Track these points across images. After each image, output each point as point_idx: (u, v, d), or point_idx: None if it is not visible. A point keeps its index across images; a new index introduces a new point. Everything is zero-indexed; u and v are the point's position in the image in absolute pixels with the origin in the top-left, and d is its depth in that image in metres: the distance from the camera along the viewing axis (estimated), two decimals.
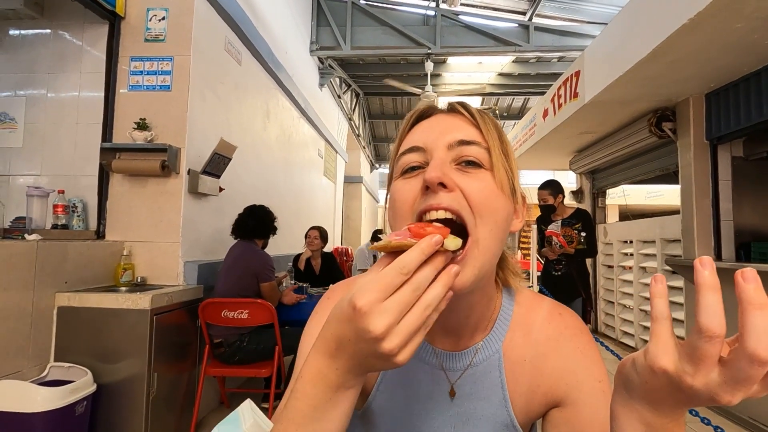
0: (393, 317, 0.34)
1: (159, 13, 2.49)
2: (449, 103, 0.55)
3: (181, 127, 2.45)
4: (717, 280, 0.28)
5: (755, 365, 0.25)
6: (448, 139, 0.49)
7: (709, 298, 0.27)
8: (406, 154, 0.51)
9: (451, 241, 0.38)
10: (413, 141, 0.51)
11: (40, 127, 2.53)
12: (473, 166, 0.48)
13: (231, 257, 2.52)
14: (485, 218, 0.46)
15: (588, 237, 3.17)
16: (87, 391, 1.78)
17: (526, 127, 5.44)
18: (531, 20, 5.21)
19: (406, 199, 0.48)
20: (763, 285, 0.27)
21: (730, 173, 3.14)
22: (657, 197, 9.83)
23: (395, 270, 0.35)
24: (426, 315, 0.35)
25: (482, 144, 0.49)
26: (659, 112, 3.48)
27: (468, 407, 0.55)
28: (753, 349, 0.25)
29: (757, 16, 2.10)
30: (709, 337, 0.27)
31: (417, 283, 0.35)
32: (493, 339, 0.57)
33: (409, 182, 0.49)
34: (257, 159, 3.58)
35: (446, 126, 0.51)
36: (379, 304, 0.34)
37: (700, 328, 0.27)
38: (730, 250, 3.09)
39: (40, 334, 1.89)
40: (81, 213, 2.37)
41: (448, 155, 0.48)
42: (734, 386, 0.27)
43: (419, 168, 0.49)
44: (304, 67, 5.05)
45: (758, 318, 0.25)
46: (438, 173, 0.45)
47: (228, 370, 2.40)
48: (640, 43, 2.62)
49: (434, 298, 0.36)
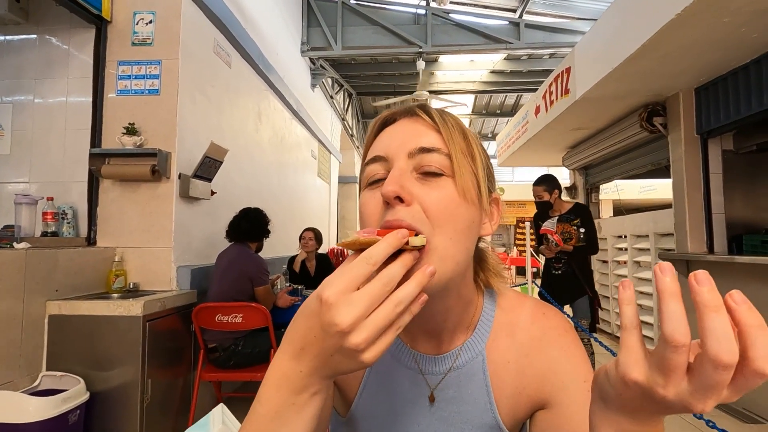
0: (360, 309, 0.33)
1: (146, 17, 2.47)
2: (408, 107, 0.53)
3: (170, 131, 2.43)
4: (678, 286, 0.27)
5: (719, 370, 0.25)
6: (409, 147, 0.48)
7: (671, 305, 0.27)
8: (369, 164, 0.50)
9: (417, 239, 0.39)
10: (376, 150, 0.51)
11: (28, 133, 2.50)
12: (434, 175, 0.47)
13: (225, 261, 2.50)
14: (443, 227, 0.45)
15: (588, 233, 3.03)
16: (80, 400, 1.77)
17: (519, 124, 5.45)
18: (521, 17, 5.22)
19: (371, 212, 0.47)
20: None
21: (721, 166, 3.16)
22: (650, 191, 9.88)
23: (362, 260, 0.34)
24: (397, 312, 0.34)
25: (443, 150, 0.48)
26: (650, 107, 3.50)
27: (452, 411, 0.55)
28: (715, 354, 0.25)
29: (744, 11, 2.11)
30: (675, 347, 0.26)
31: (387, 277, 0.34)
32: (475, 341, 0.56)
33: (373, 194, 0.48)
34: (250, 161, 3.57)
35: (408, 133, 0.50)
36: (347, 295, 0.33)
37: (666, 338, 0.27)
38: (722, 243, 3.11)
39: (31, 344, 1.87)
40: (71, 220, 2.35)
41: (409, 164, 0.47)
42: (704, 394, 0.26)
43: (383, 180, 0.48)
44: (296, 68, 5.03)
45: (715, 321, 0.25)
46: (394, 187, 0.44)
47: (223, 374, 2.39)
48: (629, 38, 2.63)
49: (406, 295, 0.35)
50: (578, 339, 0.57)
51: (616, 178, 4.76)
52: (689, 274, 0.26)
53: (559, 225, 3.10)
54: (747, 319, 0.25)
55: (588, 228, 3.03)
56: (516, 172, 11.95)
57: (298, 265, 3.64)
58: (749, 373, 0.25)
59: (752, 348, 0.25)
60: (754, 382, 0.25)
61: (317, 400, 0.39)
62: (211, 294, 2.43)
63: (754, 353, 0.25)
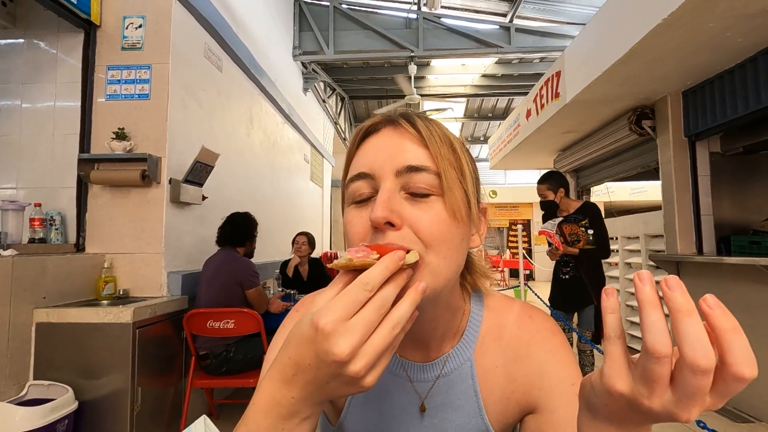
0: (359, 337, 0.32)
1: (136, 21, 2.45)
2: (392, 117, 0.51)
3: (161, 136, 2.41)
4: (657, 295, 0.27)
5: (698, 375, 0.25)
6: (396, 164, 0.46)
7: (652, 315, 0.27)
8: (354, 181, 0.48)
9: (410, 256, 0.38)
10: (360, 165, 0.48)
11: (15, 138, 2.47)
12: (422, 196, 0.45)
13: (211, 267, 2.48)
14: (436, 248, 0.44)
15: (597, 235, 2.77)
16: (68, 409, 1.74)
17: (510, 127, 5.49)
18: (512, 22, 5.27)
19: (358, 232, 0.46)
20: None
21: (709, 169, 3.21)
22: (641, 193, 9.99)
23: (359, 286, 0.33)
24: (394, 334, 0.34)
25: (431, 169, 0.46)
26: (639, 110, 3.54)
27: (441, 418, 0.54)
28: (692, 359, 0.25)
29: (728, 15, 2.15)
30: (657, 358, 0.26)
31: (382, 300, 0.34)
32: (463, 347, 0.56)
33: (360, 214, 0.47)
34: (242, 166, 3.55)
35: (393, 147, 0.47)
36: (344, 323, 0.32)
37: (647, 349, 0.26)
38: (711, 244, 3.15)
39: (18, 352, 1.84)
40: (59, 226, 2.32)
41: (397, 183, 0.45)
42: (687, 402, 0.26)
43: (369, 198, 0.47)
44: (288, 73, 5.03)
45: (689, 326, 0.25)
46: (384, 213, 0.42)
47: (215, 381, 2.37)
48: (617, 43, 2.67)
49: (401, 316, 0.34)
50: (566, 342, 0.57)
51: (606, 180, 4.81)
52: (660, 280, 0.26)
53: (567, 226, 2.88)
54: (721, 323, 0.25)
55: (597, 229, 2.80)
56: (508, 174, 12.01)
57: (291, 270, 3.62)
58: (729, 378, 0.25)
59: (729, 352, 0.25)
60: (735, 387, 0.25)
61: (307, 425, 0.38)
62: (200, 302, 2.41)
63: (732, 358, 0.25)
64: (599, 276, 2.87)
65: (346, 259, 0.36)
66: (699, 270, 3.12)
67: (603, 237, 2.79)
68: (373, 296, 0.34)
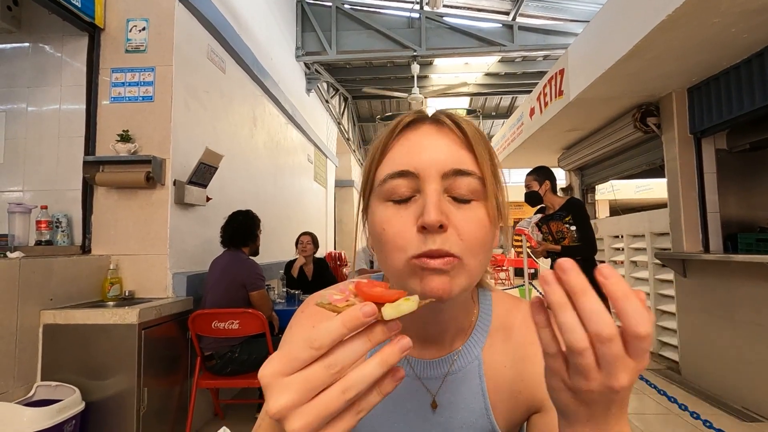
0: (294, 396, 0.28)
1: (139, 24, 2.47)
2: (438, 114, 0.50)
3: (165, 138, 2.42)
4: (564, 295, 0.30)
5: (606, 344, 0.29)
6: (442, 166, 0.45)
7: (563, 316, 0.30)
8: (394, 178, 0.46)
9: (405, 304, 0.31)
10: (402, 163, 0.47)
11: (21, 142, 2.49)
12: (464, 201, 0.46)
13: (218, 269, 2.49)
14: (476, 252, 0.45)
15: (580, 231, 2.71)
16: (75, 410, 1.75)
17: (514, 126, 5.47)
18: (515, 20, 5.25)
19: (400, 233, 0.44)
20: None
21: (715, 166, 3.18)
22: (646, 191, 9.93)
23: (303, 342, 0.29)
24: (344, 399, 0.29)
25: (476, 174, 0.46)
26: (643, 107, 3.52)
27: (448, 417, 0.54)
28: (634, 329, 0.28)
29: (733, 11, 2.13)
30: (580, 353, 0.30)
31: (335, 359, 0.29)
32: (472, 345, 0.56)
33: (400, 214, 0.45)
34: (246, 167, 3.56)
35: (438, 147, 0.47)
36: (281, 379, 0.29)
37: (570, 348, 0.30)
38: (717, 242, 3.13)
39: (25, 354, 1.85)
40: (65, 228, 2.33)
41: (441, 185, 0.45)
42: (613, 371, 0.30)
43: (410, 198, 0.46)
44: (291, 73, 5.04)
45: (627, 304, 0.28)
46: (439, 216, 0.42)
47: (220, 381, 2.38)
48: (621, 40, 2.65)
49: (360, 379, 0.29)
50: None
51: (611, 178, 4.78)
52: (595, 270, 0.30)
53: (553, 223, 2.85)
54: (614, 291, 0.29)
55: (580, 226, 2.72)
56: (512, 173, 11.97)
57: (296, 270, 3.63)
58: (631, 338, 0.29)
59: (624, 316, 0.29)
60: (640, 344, 0.29)
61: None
62: (205, 303, 2.42)
63: (626, 320, 0.28)
64: (590, 274, 2.81)
65: (327, 302, 0.32)
66: (705, 268, 3.09)
67: (587, 233, 2.73)
68: (326, 353, 0.29)
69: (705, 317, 3.12)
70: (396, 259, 0.45)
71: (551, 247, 2.80)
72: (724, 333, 2.94)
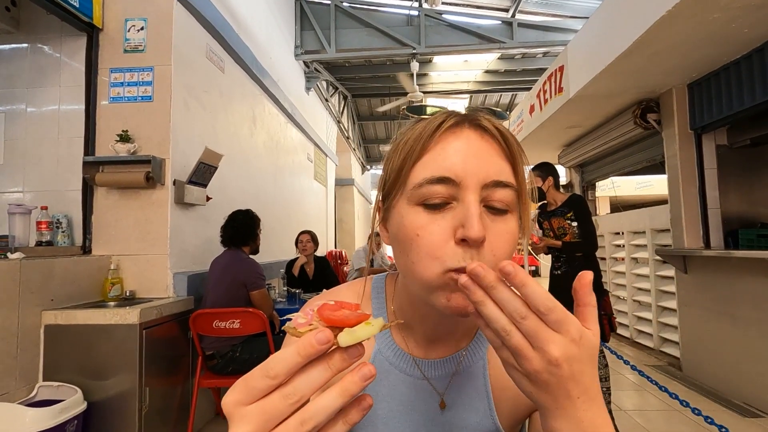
0: (254, 426, 0.28)
1: (137, 24, 2.46)
2: (478, 119, 0.48)
3: (164, 138, 2.42)
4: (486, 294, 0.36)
5: (548, 313, 0.34)
6: (484, 177, 0.44)
7: (486, 309, 0.35)
8: (433, 184, 0.44)
9: (362, 330, 0.30)
10: (443, 168, 0.44)
11: (21, 142, 2.49)
12: (500, 212, 0.45)
13: (218, 269, 2.49)
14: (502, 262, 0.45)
15: (581, 227, 2.70)
16: (77, 410, 1.75)
17: (514, 123, 5.47)
18: (514, 17, 5.23)
19: (436, 243, 0.43)
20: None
21: (716, 162, 3.17)
22: (647, 188, 9.92)
23: (260, 371, 0.28)
24: (305, 431, 0.28)
25: (513, 186, 0.45)
26: (643, 103, 3.51)
27: (452, 417, 0.54)
28: (537, 306, 0.34)
29: (734, 6, 2.12)
30: (504, 336, 0.35)
31: (293, 388, 0.28)
32: (477, 345, 0.56)
33: (437, 222, 0.44)
34: (246, 166, 3.56)
35: (479, 155, 0.45)
36: (241, 408, 0.28)
37: (489, 339, 0.37)
38: (718, 238, 3.12)
39: (27, 354, 1.86)
40: (66, 228, 2.34)
41: (480, 195, 0.44)
42: (542, 343, 0.34)
43: (446, 204, 0.44)
44: (290, 72, 5.03)
45: (527, 290, 0.34)
46: (483, 233, 0.41)
47: (222, 381, 2.38)
48: (621, 36, 2.64)
49: (321, 410, 0.28)
50: None
51: (611, 175, 4.77)
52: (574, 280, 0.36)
53: (555, 220, 2.84)
54: (518, 284, 0.34)
55: (581, 222, 2.70)
56: None
57: (297, 269, 3.63)
58: (540, 314, 0.34)
59: (527, 298, 0.34)
60: (550, 316, 0.34)
61: None
62: (206, 302, 2.42)
63: (531, 301, 0.34)
64: (594, 271, 2.69)
65: (292, 327, 0.31)
66: (706, 264, 3.09)
67: (587, 230, 2.70)
68: (286, 382, 0.28)
69: (706, 313, 3.12)
70: (429, 269, 0.43)
71: (552, 243, 2.78)
72: (725, 329, 2.94)
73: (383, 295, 0.60)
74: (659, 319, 3.83)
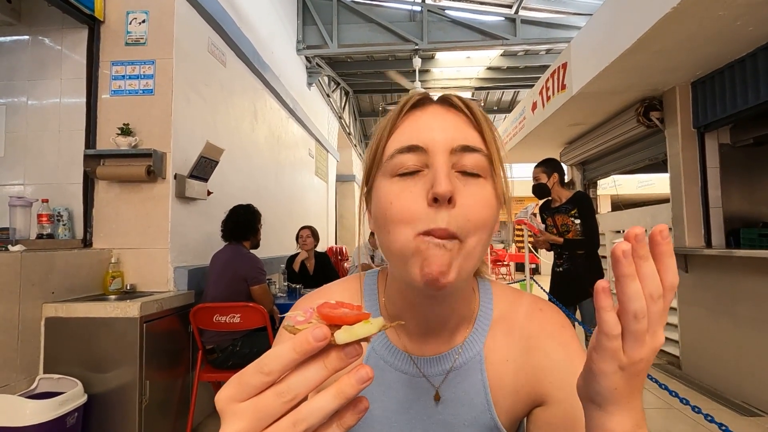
0: (246, 424, 0.27)
1: (139, 16, 2.45)
2: (446, 95, 0.50)
3: (165, 131, 2.41)
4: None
5: (671, 291, 0.31)
6: (452, 143, 0.46)
7: (649, 268, 0.32)
8: (403, 153, 0.46)
9: (361, 327, 0.29)
10: (411, 138, 0.47)
11: (22, 135, 2.49)
12: (472, 176, 0.46)
13: (219, 263, 2.48)
14: (480, 231, 0.45)
15: (584, 225, 2.68)
16: (77, 402, 1.76)
17: (516, 120, 5.45)
18: (517, 13, 5.20)
19: (408, 207, 0.44)
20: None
21: (718, 160, 3.16)
22: (648, 186, 9.89)
23: (255, 367, 0.28)
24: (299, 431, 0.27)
25: (484, 151, 0.47)
26: (646, 101, 3.50)
27: (450, 413, 0.54)
28: (670, 282, 0.31)
29: (739, 4, 2.11)
30: (610, 336, 0.33)
31: (287, 386, 0.27)
32: (473, 340, 0.55)
33: (409, 188, 0.45)
34: (246, 161, 3.55)
35: (446, 125, 0.47)
36: (234, 404, 0.27)
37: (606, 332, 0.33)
38: (719, 237, 3.12)
39: (27, 346, 1.86)
40: (66, 221, 2.33)
41: (450, 160, 0.45)
42: (636, 343, 0.32)
43: (417, 172, 0.46)
44: (292, 67, 5.02)
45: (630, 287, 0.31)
46: (450, 187, 0.42)
47: (222, 374, 2.38)
48: (625, 33, 2.63)
49: (315, 411, 0.27)
50: (576, 335, 0.56)
51: (613, 173, 4.76)
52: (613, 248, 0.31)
53: (559, 216, 2.83)
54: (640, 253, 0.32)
55: (584, 220, 2.70)
56: (514, 168, 11.97)
57: (297, 265, 3.63)
58: (666, 292, 0.31)
59: (661, 272, 0.31)
60: (670, 295, 0.32)
61: None
62: (207, 297, 2.42)
63: (662, 275, 0.31)
64: (597, 268, 2.76)
65: (290, 325, 0.30)
66: (708, 263, 3.08)
67: (590, 228, 2.68)
68: (280, 380, 0.27)
69: (706, 312, 3.12)
70: (402, 235, 0.44)
71: (554, 239, 2.78)
72: (725, 328, 2.94)
73: (375, 290, 0.60)
74: None
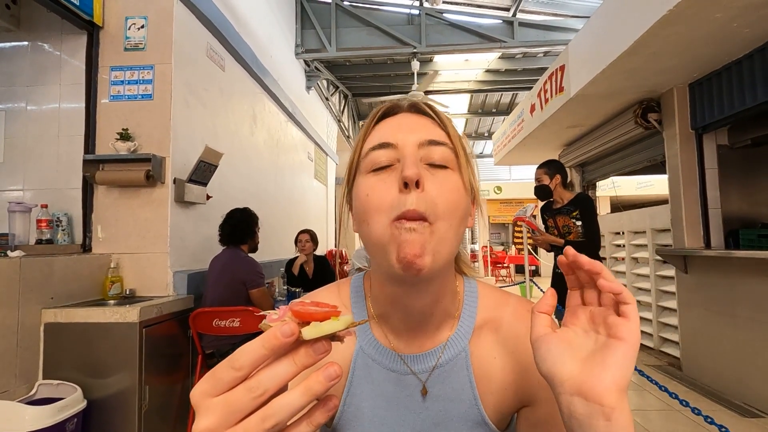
0: (217, 418, 0.27)
1: (138, 22, 2.46)
2: (413, 102, 0.56)
3: (164, 136, 2.42)
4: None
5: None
6: (418, 138, 0.51)
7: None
8: (376, 150, 0.51)
9: (328, 324, 0.29)
10: (383, 137, 0.52)
11: (21, 140, 2.49)
12: (440, 167, 0.50)
13: (217, 267, 2.48)
14: (448, 216, 0.48)
15: (585, 227, 2.67)
16: (77, 408, 1.75)
17: (515, 122, 5.46)
18: (515, 16, 5.22)
19: (382, 197, 0.48)
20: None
21: (716, 162, 3.17)
22: (647, 187, 9.90)
23: (227, 363, 0.28)
24: (265, 428, 0.27)
25: (449, 145, 0.51)
26: (644, 103, 3.51)
27: (438, 408, 0.55)
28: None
29: (735, 6, 2.12)
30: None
31: (257, 381, 0.28)
32: (458, 337, 0.57)
33: (383, 180, 0.49)
34: (246, 165, 3.56)
35: (414, 125, 0.53)
36: (207, 399, 0.28)
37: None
38: (719, 238, 3.12)
39: (27, 352, 1.86)
40: (66, 227, 2.33)
41: (418, 153, 0.50)
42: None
43: (390, 166, 0.50)
44: (290, 71, 5.03)
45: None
46: (417, 170, 0.46)
47: None
48: (622, 35, 2.64)
49: (284, 407, 0.27)
50: None
51: (612, 174, 4.77)
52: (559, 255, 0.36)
53: (560, 218, 2.84)
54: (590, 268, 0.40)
55: (585, 221, 2.70)
56: (513, 170, 11.96)
57: (297, 268, 3.62)
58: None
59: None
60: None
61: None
62: (206, 301, 2.42)
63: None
64: None
65: (267, 324, 0.30)
66: (707, 264, 3.09)
67: (591, 230, 2.68)
68: (251, 375, 0.28)
69: (706, 313, 3.12)
70: (378, 224, 0.47)
71: (554, 240, 2.78)
72: (725, 329, 2.94)
73: (362, 292, 0.61)
74: (659, 319, 3.83)
